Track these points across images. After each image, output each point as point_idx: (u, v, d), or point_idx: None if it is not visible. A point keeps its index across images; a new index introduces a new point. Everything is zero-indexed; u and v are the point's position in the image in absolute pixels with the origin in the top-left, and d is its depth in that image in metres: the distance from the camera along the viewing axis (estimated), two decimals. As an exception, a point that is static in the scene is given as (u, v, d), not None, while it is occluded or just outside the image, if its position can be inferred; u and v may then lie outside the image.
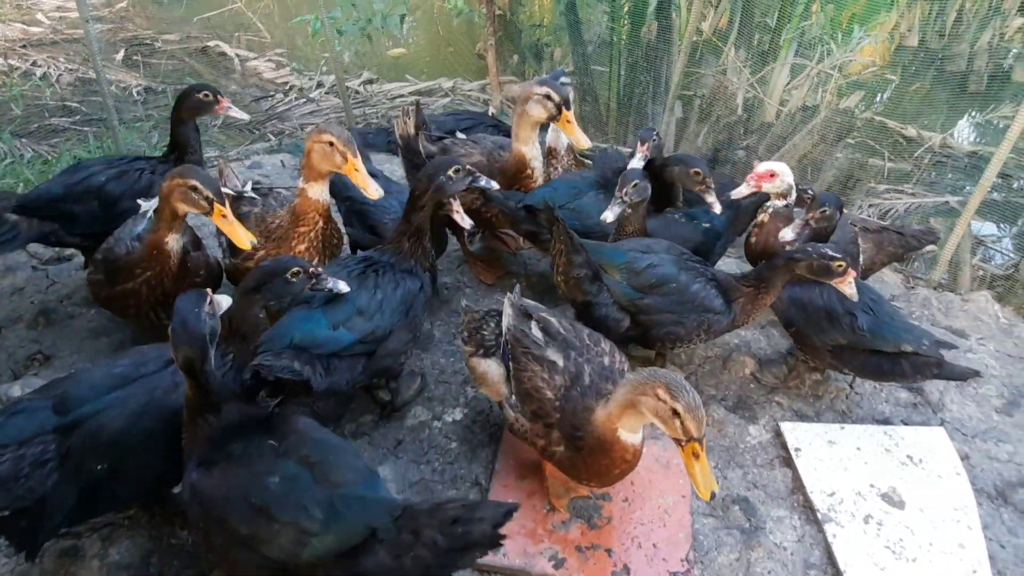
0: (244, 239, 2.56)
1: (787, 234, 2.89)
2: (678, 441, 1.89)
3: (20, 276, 3.78)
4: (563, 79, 3.65)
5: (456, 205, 2.90)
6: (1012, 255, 5.30)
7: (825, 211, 2.86)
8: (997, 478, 2.82)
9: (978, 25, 8.16)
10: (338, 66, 5.62)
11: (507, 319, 2.38)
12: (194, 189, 2.52)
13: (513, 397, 2.35)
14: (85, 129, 6.42)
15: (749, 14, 6.32)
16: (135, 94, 7.22)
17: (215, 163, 3.69)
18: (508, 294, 2.48)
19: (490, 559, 2.30)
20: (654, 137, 3.29)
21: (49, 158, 5.45)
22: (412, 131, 3.58)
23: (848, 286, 2.54)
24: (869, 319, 2.68)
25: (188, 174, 2.54)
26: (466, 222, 2.92)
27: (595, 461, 2.08)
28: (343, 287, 2.42)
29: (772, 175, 3.00)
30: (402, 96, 6.54)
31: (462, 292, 3.71)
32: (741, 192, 3.04)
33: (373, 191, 2.74)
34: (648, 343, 2.88)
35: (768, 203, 3.13)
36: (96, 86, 7.33)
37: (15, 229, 3.11)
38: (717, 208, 3.09)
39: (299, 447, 1.88)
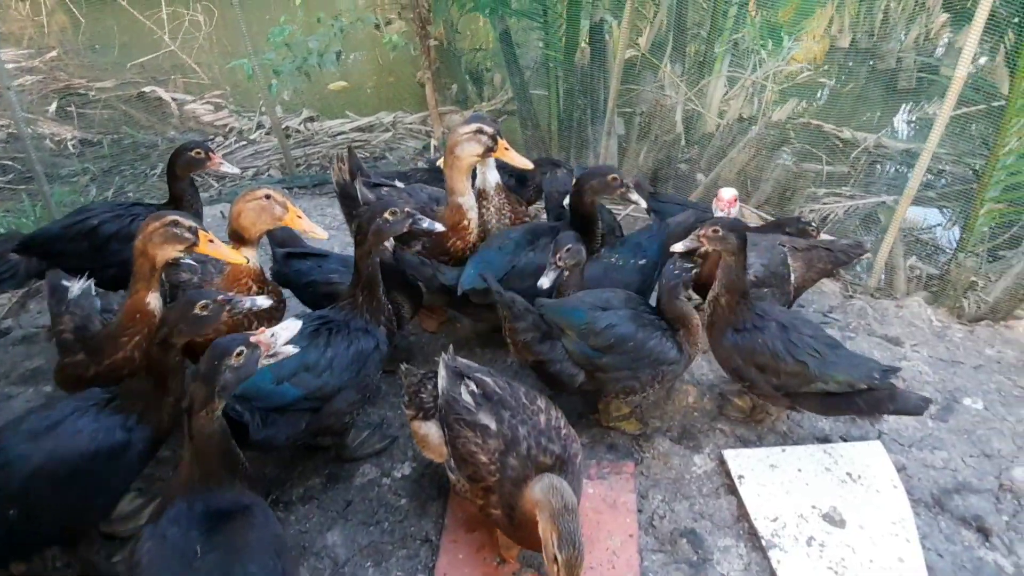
0: (238, 257, 2.65)
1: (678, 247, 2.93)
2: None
3: (-49, 356, 3.68)
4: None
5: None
6: (945, 249, 5.48)
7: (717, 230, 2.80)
8: (933, 486, 2.91)
9: (905, 23, 8.46)
10: (272, 111, 5.60)
11: (441, 383, 2.39)
12: (175, 224, 2.53)
13: (451, 460, 2.36)
14: (20, 188, 6.27)
15: (682, 28, 6.45)
16: (70, 147, 7.07)
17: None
18: (443, 355, 2.48)
19: (441, 620, 2.30)
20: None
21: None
22: (348, 177, 3.60)
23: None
24: (819, 363, 2.72)
25: (160, 214, 2.56)
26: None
27: (528, 534, 2.10)
28: (262, 302, 2.43)
29: (733, 201, 3.07)
30: (343, 133, 6.53)
31: (419, 343, 3.71)
32: (678, 248, 3.00)
33: (320, 232, 2.83)
34: (603, 395, 2.93)
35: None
36: (32, 141, 7.23)
37: (15, 267, 3.30)
38: (643, 204, 3.19)
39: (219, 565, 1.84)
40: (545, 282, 2.88)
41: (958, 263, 4.20)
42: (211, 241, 2.61)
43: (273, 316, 3.04)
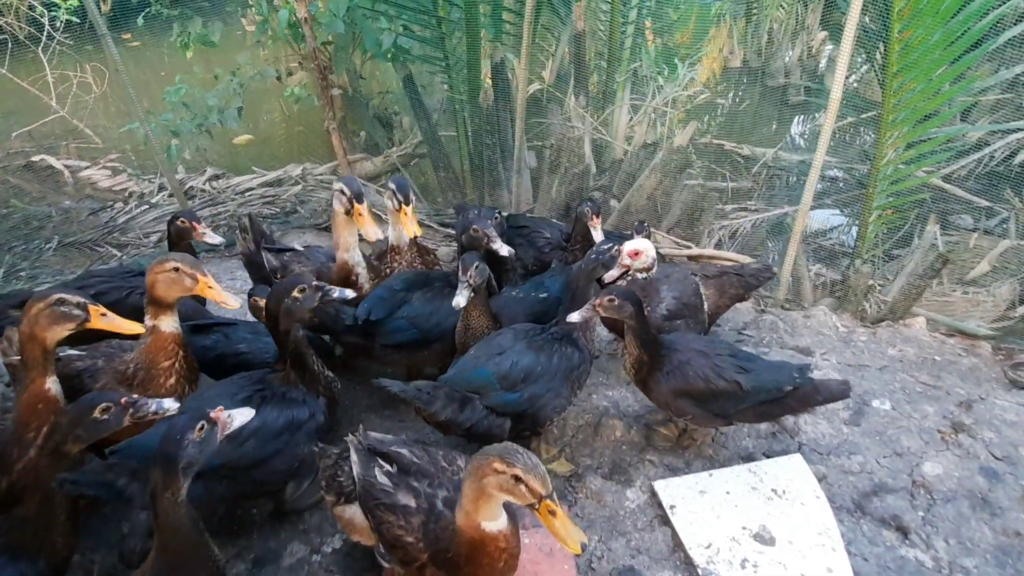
0: (135, 328, 2.56)
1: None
2: (531, 506, 1.90)
3: None
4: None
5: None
6: (846, 252, 5.78)
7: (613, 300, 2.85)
8: (853, 491, 3.03)
9: (789, 40, 9.00)
10: (171, 174, 5.41)
11: (355, 468, 2.31)
12: (60, 302, 2.40)
13: (381, 547, 2.29)
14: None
15: (582, 60, 6.64)
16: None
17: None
18: (351, 436, 2.41)
19: None
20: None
21: None
22: (252, 246, 3.54)
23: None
24: (748, 378, 2.83)
25: (43, 294, 2.43)
26: (504, 250, 3.09)
27: (476, 568, 2.05)
28: (168, 406, 2.24)
29: (637, 253, 3.16)
30: (251, 189, 6.37)
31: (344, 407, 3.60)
32: (613, 275, 3.14)
33: (232, 301, 2.74)
34: (538, 426, 2.93)
35: (629, 274, 3.26)
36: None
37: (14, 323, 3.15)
38: (504, 251, 3.30)
39: None
40: (460, 300, 2.92)
41: (855, 269, 4.44)
42: (103, 315, 2.50)
43: (196, 378, 2.93)
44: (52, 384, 2.48)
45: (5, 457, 2.44)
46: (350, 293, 2.80)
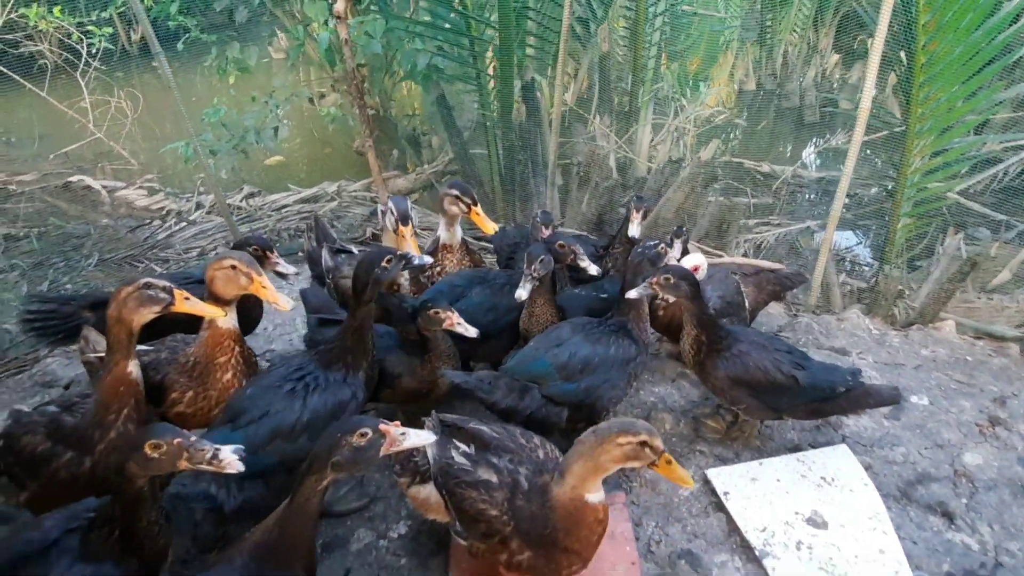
0: (215, 311, 2.63)
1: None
2: (651, 464, 2.08)
3: None
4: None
5: (456, 318, 2.90)
6: (869, 264, 5.93)
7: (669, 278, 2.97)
8: (898, 480, 3.12)
9: (802, 64, 9.24)
10: (217, 188, 5.59)
11: (430, 451, 2.40)
12: (148, 287, 2.48)
13: (457, 524, 2.38)
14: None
15: (606, 81, 6.86)
16: (-12, 247, 6.80)
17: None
18: (426, 421, 2.50)
19: (461, 672, 2.29)
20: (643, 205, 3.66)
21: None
22: (315, 244, 3.69)
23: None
24: (805, 375, 2.94)
25: (131, 280, 2.52)
26: (471, 331, 2.93)
27: (573, 539, 2.14)
28: (225, 456, 2.07)
29: (696, 269, 3.25)
30: (287, 206, 6.56)
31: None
32: (639, 290, 3.23)
33: (283, 303, 2.79)
34: (595, 417, 2.99)
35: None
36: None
37: (86, 323, 3.31)
38: (592, 270, 3.36)
39: None
40: (522, 293, 3.04)
41: (884, 275, 4.57)
42: (187, 299, 2.59)
43: (255, 371, 3.02)
44: (133, 368, 2.58)
45: (88, 439, 2.54)
46: (428, 259, 2.89)
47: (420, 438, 2.08)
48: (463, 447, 2.40)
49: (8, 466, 2.65)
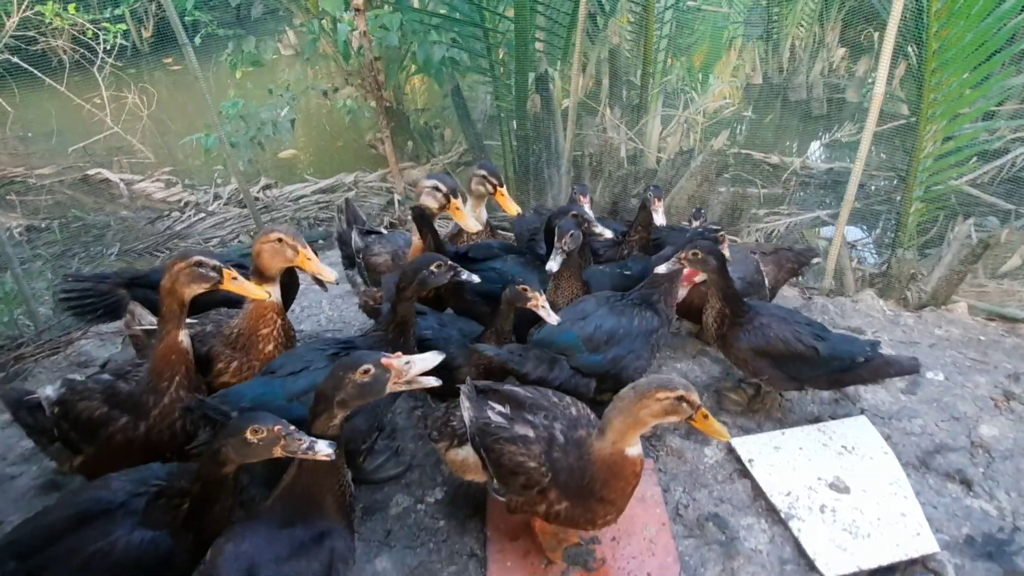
0: (260, 293, 2.71)
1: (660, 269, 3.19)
2: (688, 418, 2.17)
3: (-62, 446, 3.55)
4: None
5: (542, 300, 2.95)
6: (876, 255, 6.02)
7: (697, 254, 3.08)
8: (916, 450, 3.21)
9: (809, 58, 9.35)
10: (239, 177, 5.69)
11: (467, 413, 2.49)
12: (199, 264, 2.57)
13: (494, 482, 2.47)
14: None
15: (616, 74, 6.97)
16: (16, 235, 6.90)
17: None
18: (463, 387, 2.59)
19: (502, 625, 2.39)
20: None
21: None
22: (345, 226, 3.79)
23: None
24: (825, 345, 3.04)
25: (186, 254, 2.61)
26: (552, 318, 2.96)
27: (610, 490, 2.24)
28: (321, 449, 2.11)
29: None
30: (305, 196, 6.66)
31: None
32: (668, 264, 3.32)
33: (328, 275, 2.89)
34: (621, 387, 3.07)
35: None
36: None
37: (121, 300, 3.46)
38: (607, 233, 3.47)
39: None
40: (553, 265, 3.13)
41: (897, 259, 4.66)
42: (234, 278, 2.68)
43: (293, 344, 3.12)
44: (184, 337, 2.69)
45: (142, 405, 2.66)
46: (476, 279, 2.95)
47: (426, 362, 2.11)
48: (499, 407, 2.50)
49: (63, 432, 2.75)
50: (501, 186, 3.53)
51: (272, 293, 2.92)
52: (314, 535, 2.04)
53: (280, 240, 2.85)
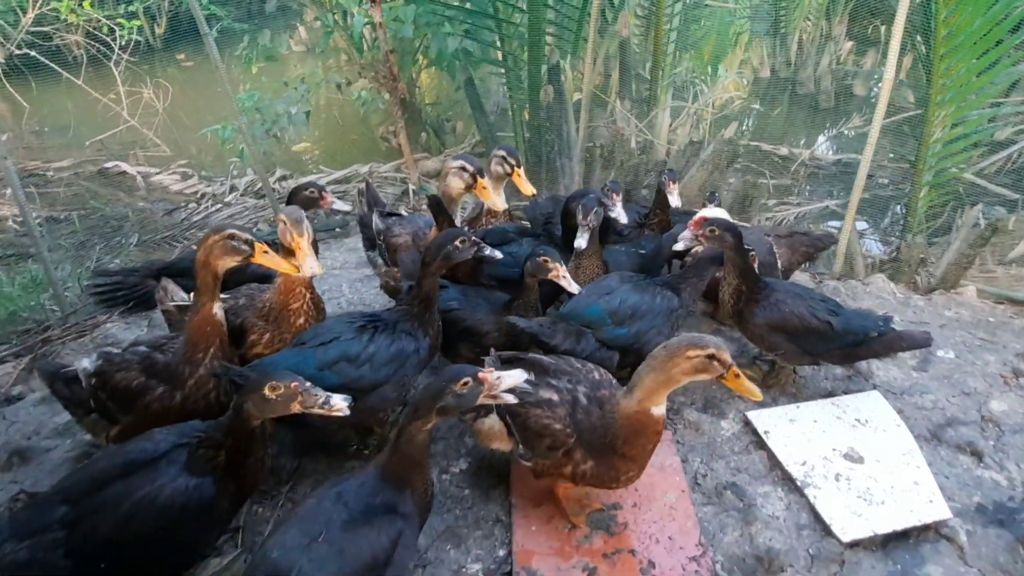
0: (288, 267, 2.77)
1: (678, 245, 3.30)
2: (720, 377, 2.23)
3: (-28, 423, 3.65)
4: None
5: (563, 271, 3.04)
6: (883, 246, 6.10)
7: (714, 231, 3.16)
8: (928, 423, 3.29)
9: (817, 51, 9.41)
10: (260, 166, 5.79)
11: None
12: (232, 237, 2.64)
13: (520, 447, 2.56)
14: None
15: (625, 68, 7.05)
16: (35, 226, 7.01)
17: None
18: (487, 358, 2.68)
19: (529, 584, 2.47)
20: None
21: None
22: (367, 209, 3.88)
23: None
24: (839, 320, 3.12)
25: (220, 227, 2.68)
26: (573, 287, 3.07)
27: (632, 447, 2.33)
28: (336, 403, 2.26)
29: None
30: (321, 186, 6.75)
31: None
32: (680, 247, 3.40)
33: (306, 268, 2.86)
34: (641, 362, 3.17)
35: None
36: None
37: (151, 291, 3.55)
38: (623, 218, 3.55)
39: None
40: (582, 243, 3.23)
41: (907, 243, 4.73)
42: (265, 252, 2.74)
43: (323, 317, 3.20)
44: (218, 309, 2.77)
45: (178, 375, 2.75)
46: (498, 254, 3.02)
47: (514, 378, 2.19)
48: (525, 375, 2.58)
49: (100, 403, 2.85)
50: (519, 167, 3.62)
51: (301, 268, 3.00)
52: (390, 514, 2.10)
53: (283, 223, 2.90)
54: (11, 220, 7.09)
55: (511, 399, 2.21)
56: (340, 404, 2.21)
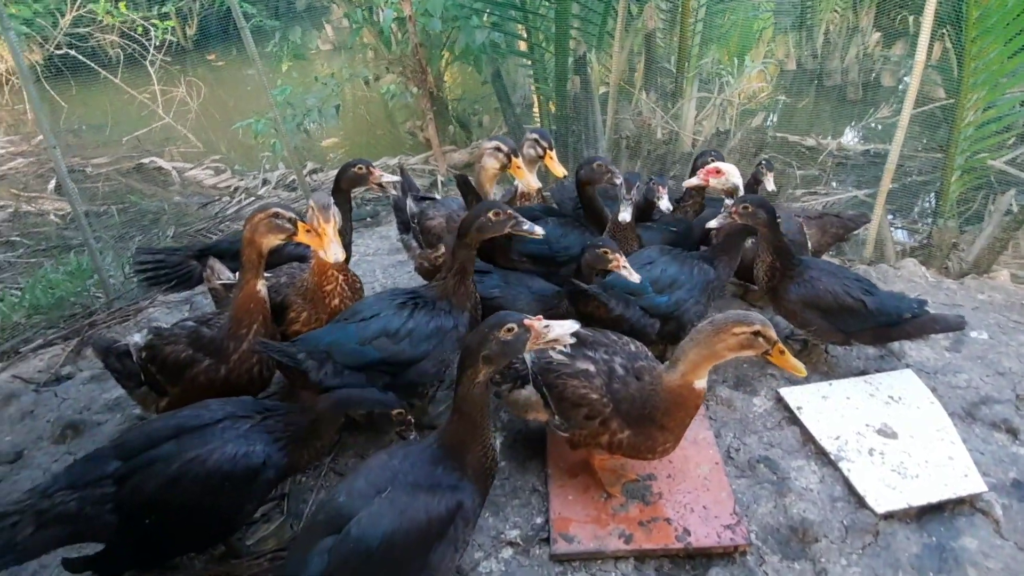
0: (332, 251, 2.83)
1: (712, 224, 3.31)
2: (765, 353, 2.26)
3: (25, 400, 3.79)
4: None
5: (623, 260, 3.05)
6: (910, 235, 6.06)
7: (747, 207, 3.20)
8: (962, 402, 3.29)
9: (844, 43, 9.35)
10: (294, 158, 5.91)
11: (528, 356, 2.62)
12: (276, 216, 2.74)
13: (556, 418, 2.62)
14: (32, 261, 6.41)
15: (651, 60, 7.08)
16: (81, 213, 7.22)
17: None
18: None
19: (566, 548, 2.53)
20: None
21: (15, 292, 5.42)
22: (400, 193, 3.96)
23: None
24: (872, 300, 3.15)
25: (266, 206, 2.78)
26: (635, 276, 3.07)
27: (671, 419, 2.38)
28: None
29: (719, 172, 3.50)
30: (351, 179, 6.87)
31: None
32: (691, 183, 3.54)
33: (330, 254, 2.91)
34: (681, 331, 3.20)
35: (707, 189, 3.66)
36: (35, 218, 7.39)
37: (192, 271, 3.72)
38: (664, 206, 3.64)
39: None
40: (626, 216, 3.31)
41: (939, 228, 4.71)
42: (308, 231, 2.84)
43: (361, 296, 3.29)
44: (262, 287, 2.87)
45: (223, 349, 2.86)
46: (538, 230, 2.96)
47: (563, 329, 2.13)
48: (559, 347, 2.64)
49: (149, 375, 2.96)
50: (551, 149, 3.69)
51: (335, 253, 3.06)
52: (451, 483, 2.11)
53: (311, 209, 2.96)
54: (52, 214, 7.33)
55: (568, 339, 2.11)
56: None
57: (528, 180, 3.59)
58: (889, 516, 2.67)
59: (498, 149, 3.54)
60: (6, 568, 2.15)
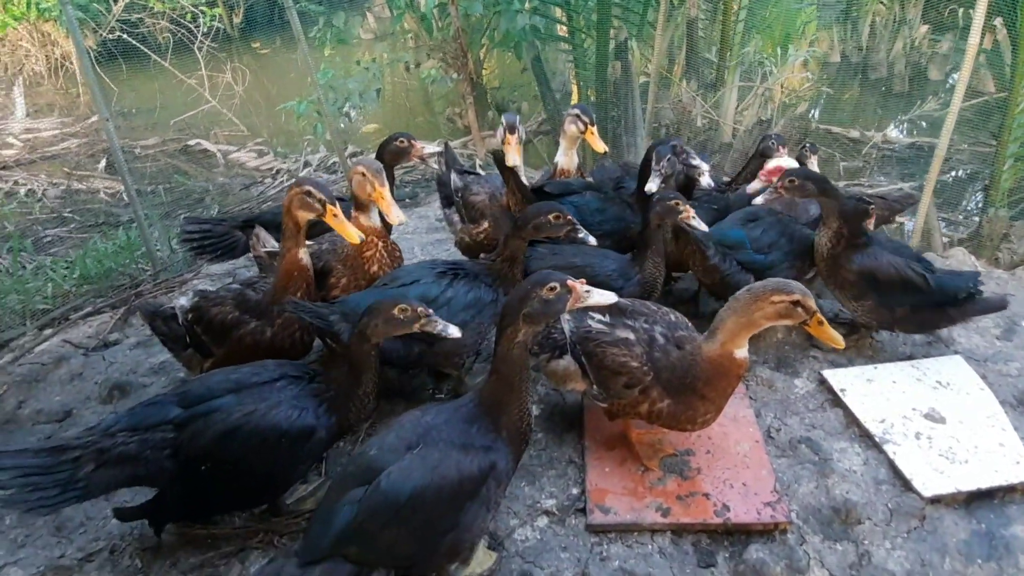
0: (354, 235, 2.85)
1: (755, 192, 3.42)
2: (803, 323, 2.24)
3: (74, 363, 3.91)
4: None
5: (692, 211, 3.12)
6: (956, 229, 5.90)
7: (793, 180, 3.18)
8: (1013, 390, 3.19)
9: (890, 35, 9.14)
10: (336, 139, 5.99)
11: (567, 325, 2.63)
12: (308, 194, 2.77)
13: (595, 388, 2.61)
14: (83, 236, 6.60)
15: (693, 46, 7.01)
16: (124, 198, 7.43)
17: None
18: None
19: (602, 519, 2.52)
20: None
21: (66, 263, 5.57)
22: (444, 168, 4.01)
23: None
24: (933, 277, 3.12)
25: (303, 181, 2.81)
26: (702, 226, 3.16)
27: (712, 388, 2.37)
28: (452, 332, 2.37)
29: (780, 170, 3.45)
30: (392, 161, 6.95)
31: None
32: (755, 187, 3.49)
33: (394, 216, 3.01)
34: None
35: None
36: (85, 196, 7.62)
37: (237, 241, 3.81)
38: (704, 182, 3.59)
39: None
40: (652, 186, 3.28)
41: (989, 218, 4.58)
42: (335, 215, 2.84)
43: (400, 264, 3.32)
44: (303, 255, 2.92)
45: (268, 312, 2.93)
46: (592, 240, 3.01)
47: (604, 296, 2.17)
48: (598, 315, 2.64)
49: (195, 337, 3.03)
50: (592, 125, 3.68)
51: (371, 217, 3.10)
52: (485, 443, 2.12)
53: (363, 175, 3.02)
54: (102, 192, 7.54)
55: (610, 298, 2.16)
56: (454, 332, 2.35)
57: (597, 145, 3.70)
58: (936, 500, 2.61)
59: (579, 117, 3.69)
60: (68, 505, 2.22)
